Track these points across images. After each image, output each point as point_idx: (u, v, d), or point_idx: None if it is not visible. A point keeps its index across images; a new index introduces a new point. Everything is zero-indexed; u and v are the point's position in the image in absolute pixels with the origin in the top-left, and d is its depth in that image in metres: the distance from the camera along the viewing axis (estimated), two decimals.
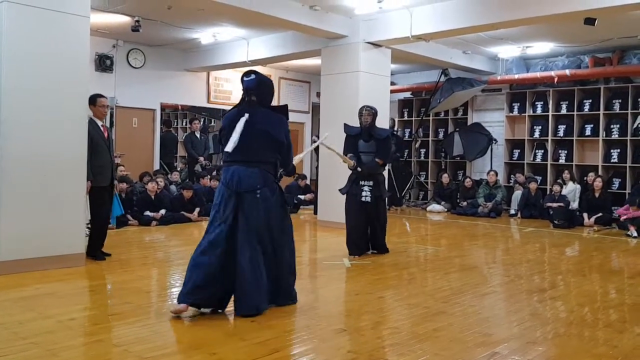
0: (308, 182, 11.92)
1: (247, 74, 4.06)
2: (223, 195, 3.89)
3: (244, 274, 3.76)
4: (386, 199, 6.42)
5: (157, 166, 11.21)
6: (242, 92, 4.07)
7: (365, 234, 6.27)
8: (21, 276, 4.85)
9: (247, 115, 3.91)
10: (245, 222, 3.82)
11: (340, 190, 6.34)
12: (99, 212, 5.74)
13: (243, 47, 10.34)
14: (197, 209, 8.91)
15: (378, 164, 6.16)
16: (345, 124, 6.44)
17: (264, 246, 3.88)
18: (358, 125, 6.26)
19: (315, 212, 9.68)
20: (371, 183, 6.12)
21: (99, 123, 5.72)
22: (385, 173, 9.17)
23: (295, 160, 4.41)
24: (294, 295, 4.16)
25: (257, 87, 4.02)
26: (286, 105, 4.19)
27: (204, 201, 9.03)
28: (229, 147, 3.84)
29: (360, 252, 6.18)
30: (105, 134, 5.76)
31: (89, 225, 5.76)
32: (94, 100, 5.68)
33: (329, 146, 5.74)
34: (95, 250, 5.70)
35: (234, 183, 3.85)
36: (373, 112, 6.19)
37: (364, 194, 6.10)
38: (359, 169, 6.06)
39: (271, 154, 3.97)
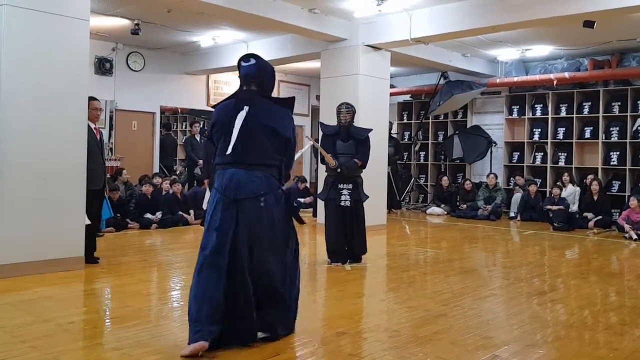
0: (307, 185, 11.92)
1: (245, 58, 3.42)
2: (218, 203, 3.27)
3: (247, 296, 3.21)
4: (364, 202, 5.97)
5: (156, 169, 11.23)
6: (239, 80, 3.49)
7: (346, 240, 5.87)
8: (20, 279, 4.84)
9: (247, 108, 3.33)
10: (246, 235, 3.24)
11: (318, 195, 6.17)
12: (94, 216, 5.64)
13: (243, 50, 10.31)
14: (192, 211, 8.96)
15: (357, 165, 5.83)
16: (321, 123, 6.27)
17: (267, 265, 3.30)
18: (335, 123, 5.97)
19: (315, 215, 9.67)
20: (350, 186, 5.80)
21: (92, 126, 5.65)
22: (385, 176, 9.27)
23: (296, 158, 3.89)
24: (292, 325, 3.51)
25: (258, 74, 3.41)
26: (293, 98, 3.56)
27: (202, 204, 9.03)
28: (230, 149, 3.28)
29: (342, 260, 5.86)
30: (98, 137, 5.74)
31: None
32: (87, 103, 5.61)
33: (316, 145, 5.75)
34: (87, 254, 5.55)
35: (232, 189, 3.24)
36: (352, 111, 5.86)
37: (343, 197, 5.79)
38: (338, 170, 5.75)
39: (276, 154, 3.36)
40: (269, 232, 3.30)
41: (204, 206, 7.99)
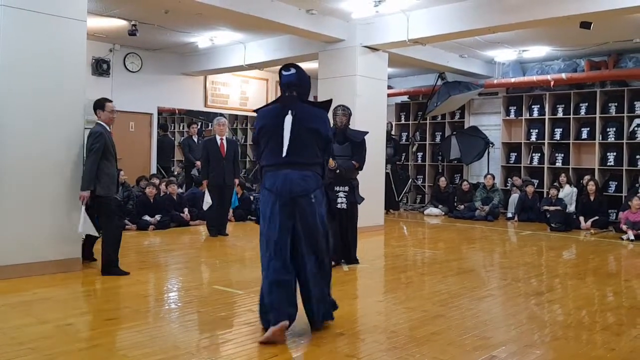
0: None
1: (286, 68, 3.73)
2: (274, 204, 3.53)
3: (309, 286, 3.58)
4: (359, 205, 5.98)
5: (154, 170, 11.21)
6: (281, 88, 3.77)
7: (341, 243, 5.81)
8: (18, 281, 4.84)
9: (292, 112, 3.61)
10: (302, 229, 3.53)
11: None
12: (115, 224, 5.42)
13: (240, 51, 10.34)
14: (186, 210, 8.99)
15: (354, 166, 5.83)
16: None
17: (320, 255, 3.63)
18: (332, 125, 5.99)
19: None
20: (346, 188, 5.79)
21: (108, 129, 5.37)
22: (383, 177, 9.27)
23: None
24: (333, 309, 3.87)
25: (299, 82, 3.69)
26: (330, 100, 3.92)
27: (201, 205, 9.02)
28: (285, 152, 3.55)
29: (337, 261, 5.72)
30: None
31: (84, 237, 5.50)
32: (102, 105, 5.34)
33: None
34: (115, 266, 5.29)
35: (287, 189, 3.51)
36: (348, 113, 5.89)
37: (339, 200, 5.76)
38: (337, 171, 5.73)
39: (320, 153, 3.69)
40: (318, 228, 3.58)
41: (204, 207, 8.03)
